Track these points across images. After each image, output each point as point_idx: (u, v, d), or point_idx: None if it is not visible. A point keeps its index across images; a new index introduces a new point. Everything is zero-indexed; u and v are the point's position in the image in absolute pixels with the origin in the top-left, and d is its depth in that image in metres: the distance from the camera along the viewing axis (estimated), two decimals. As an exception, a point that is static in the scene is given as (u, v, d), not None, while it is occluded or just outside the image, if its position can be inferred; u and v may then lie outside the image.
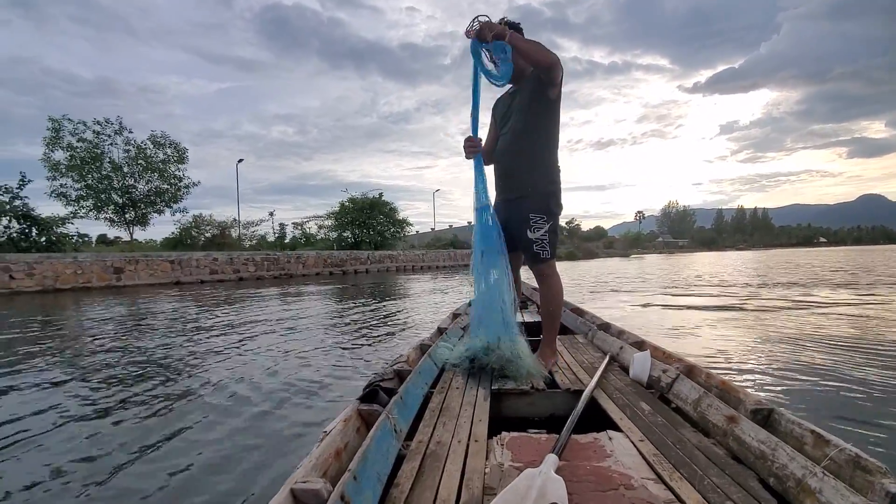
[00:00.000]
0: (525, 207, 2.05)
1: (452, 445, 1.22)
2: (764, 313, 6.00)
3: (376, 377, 1.57)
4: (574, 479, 1.03)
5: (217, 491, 1.75)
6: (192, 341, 5.00)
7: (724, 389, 1.39)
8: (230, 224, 27.61)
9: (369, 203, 31.92)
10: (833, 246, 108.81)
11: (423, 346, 2.17)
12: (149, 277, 16.73)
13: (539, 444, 1.25)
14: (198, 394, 3.01)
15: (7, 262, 13.42)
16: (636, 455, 1.15)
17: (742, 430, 1.13)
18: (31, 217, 17.30)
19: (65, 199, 21.78)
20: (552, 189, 2.08)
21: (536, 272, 2.11)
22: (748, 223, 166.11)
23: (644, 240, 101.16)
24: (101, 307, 9.21)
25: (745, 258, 33.37)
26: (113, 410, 2.72)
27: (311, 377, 3.34)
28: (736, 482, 0.99)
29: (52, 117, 21.39)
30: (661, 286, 11.06)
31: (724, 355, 3.66)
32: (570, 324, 3.15)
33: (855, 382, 2.82)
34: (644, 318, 5.99)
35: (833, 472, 0.87)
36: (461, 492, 1.00)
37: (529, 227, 2.03)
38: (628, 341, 2.20)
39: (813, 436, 1.01)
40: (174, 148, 24.78)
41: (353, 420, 1.23)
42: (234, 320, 6.68)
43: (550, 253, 2.05)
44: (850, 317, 5.48)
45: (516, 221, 2.07)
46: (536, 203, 2.04)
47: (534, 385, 1.75)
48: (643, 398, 1.56)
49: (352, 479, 0.89)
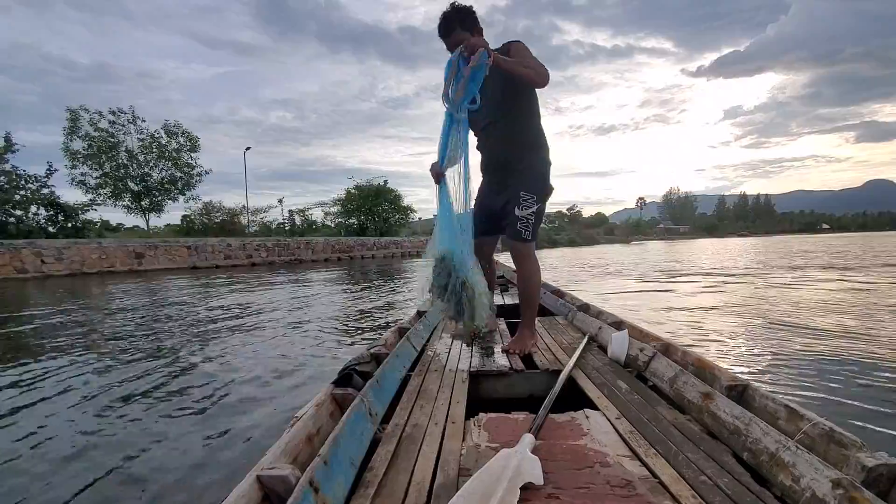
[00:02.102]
0: (516, 185, 2.02)
1: (429, 428, 1.20)
2: (750, 293, 6.21)
3: (353, 361, 1.54)
4: (550, 458, 1.02)
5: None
6: (209, 321, 5.22)
7: (700, 366, 1.39)
8: (239, 211, 28.45)
9: (374, 190, 32.50)
10: (836, 233, 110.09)
11: (401, 330, 2.14)
12: (168, 262, 17.48)
13: (516, 424, 1.24)
14: (203, 371, 3.14)
15: (39, 248, 14.38)
16: (612, 433, 1.15)
17: (717, 406, 1.13)
18: (57, 204, 18.29)
19: (84, 186, 22.95)
20: (543, 170, 2.07)
21: (515, 252, 2.09)
22: (751, 209, 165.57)
23: (645, 226, 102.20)
24: (126, 291, 9.56)
25: (745, 245, 34.09)
26: (130, 387, 2.83)
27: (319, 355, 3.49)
28: (710, 457, 0.99)
29: (70, 108, 22.46)
30: (656, 270, 11.45)
31: (717, 334, 3.75)
32: (551, 305, 3.16)
33: (835, 361, 2.90)
34: (639, 300, 6.18)
35: (807, 446, 0.88)
36: (436, 474, 0.98)
37: (518, 205, 2.00)
38: (607, 321, 2.21)
39: (786, 410, 1.02)
40: (187, 136, 25.93)
41: (326, 404, 1.19)
42: (252, 301, 7.03)
43: (532, 234, 2.04)
44: (827, 298, 5.67)
45: (504, 199, 2.05)
46: (528, 182, 2.01)
47: (512, 366, 1.74)
48: (620, 377, 1.57)
49: (322, 464, 0.85)
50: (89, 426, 2.22)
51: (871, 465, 0.77)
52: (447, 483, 0.94)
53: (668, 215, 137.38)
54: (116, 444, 2.00)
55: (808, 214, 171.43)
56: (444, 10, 1.94)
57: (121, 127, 24.12)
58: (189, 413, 2.35)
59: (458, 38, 1.89)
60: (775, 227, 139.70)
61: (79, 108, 22.66)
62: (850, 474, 0.78)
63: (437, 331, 2.49)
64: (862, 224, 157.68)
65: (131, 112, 24.52)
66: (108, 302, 7.60)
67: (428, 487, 0.93)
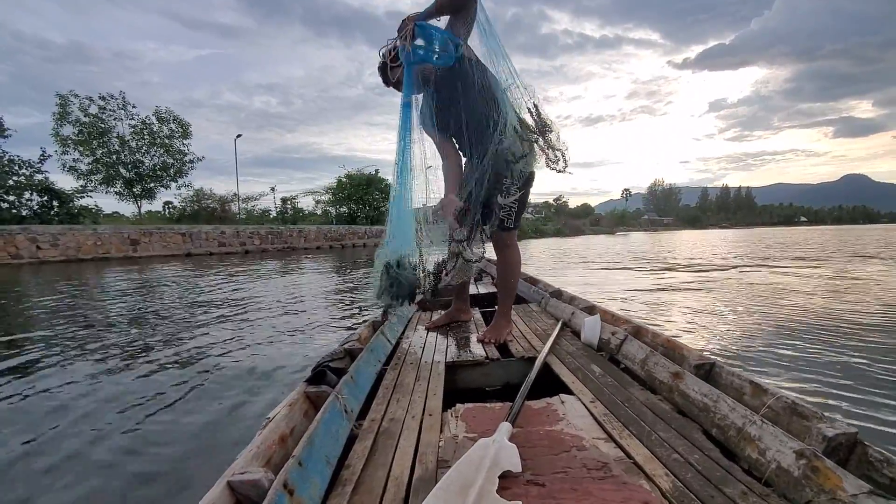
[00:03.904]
0: (495, 172, 1.96)
1: (406, 421, 1.19)
2: (724, 281, 6.46)
3: (325, 357, 1.51)
4: (528, 445, 1.03)
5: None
6: (199, 309, 5.21)
7: (669, 347, 1.43)
8: (230, 199, 28.32)
9: (366, 179, 32.76)
10: (813, 225, 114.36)
11: (375, 324, 2.11)
12: (162, 249, 17.53)
13: (493, 413, 1.24)
14: (195, 359, 3.13)
15: (34, 234, 14.33)
16: (587, 416, 1.17)
17: (686, 385, 1.16)
18: (52, 190, 18.10)
19: (76, 172, 22.75)
20: (527, 157, 2.01)
21: (498, 240, 2.07)
22: (732, 202, 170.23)
23: (629, 217, 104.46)
24: (121, 276, 9.64)
25: (725, 236, 35.43)
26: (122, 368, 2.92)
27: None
28: (681, 435, 1.01)
29: (59, 93, 22.27)
30: (637, 259, 11.92)
31: (696, 317, 3.88)
32: (524, 293, 3.18)
33: (802, 341, 3.04)
34: (617, 285, 6.39)
35: (771, 420, 0.91)
36: (415, 467, 0.97)
37: (501, 192, 1.97)
38: (579, 307, 2.24)
39: (751, 386, 1.05)
40: (178, 123, 25.77)
41: (299, 403, 1.16)
42: (242, 290, 6.95)
43: (514, 223, 2.02)
44: (796, 283, 5.95)
45: (487, 188, 2.01)
46: (505, 167, 1.96)
47: (488, 355, 1.75)
48: (594, 361, 1.59)
49: (296, 464, 0.83)
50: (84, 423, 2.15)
51: (831, 435, 0.80)
52: (426, 476, 0.93)
53: (653, 206, 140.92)
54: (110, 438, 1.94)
55: (786, 207, 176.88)
56: (377, 66, 2.03)
57: (111, 113, 23.97)
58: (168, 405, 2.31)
59: (397, 75, 1.98)
60: (755, 219, 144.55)
61: (68, 93, 22.46)
62: (812, 444, 0.82)
63: (412, 323, 2.48)
64: (837, 217, 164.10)
65: (122, 97, 24.30)
66: (105, 289, 7.56)
67: (406, 481, 0.92)
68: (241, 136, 30.53)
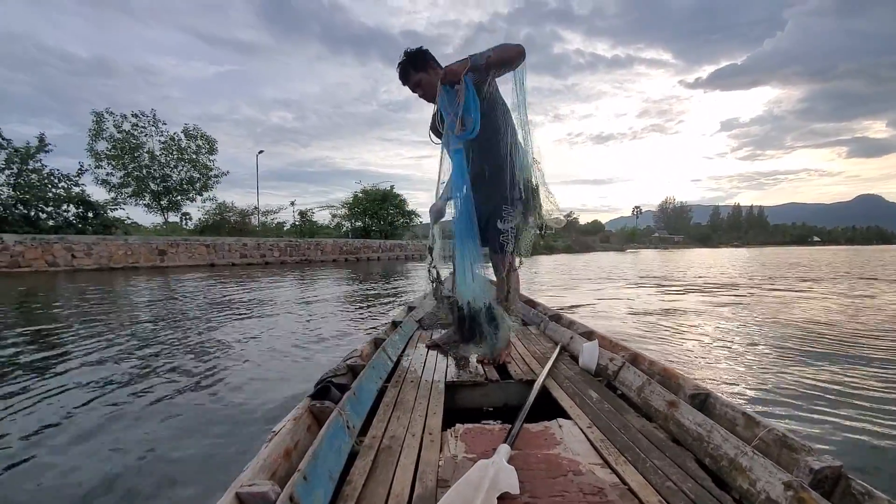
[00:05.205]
0: (498, 199, 2.06)
1: (406, 439, 1.22)
2: (732, 302, 6.42)
3: (329, 373, 1.54)
4: (526, 468, 1.05)
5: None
6: (221, 318, 5.32)
7: (666, 376, 1.46)
8: (250, 212, 29.34)
9: (381, 195, 33.47)
10: (826, 245, 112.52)
11: (376, 341, 2.14)
12: (187, 259, 18.24)
13: (492, 434, 1.27)
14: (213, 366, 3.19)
15: (70, 243, 15.22)
16: (584, 441, 1.19)
17: (681, 414, 1.19)
18: (87, 202, 19.16)
19: (107, 185, 24.42)
20: (523, 183, 2.09)
21: (497, 263, 2.14)
22: (744, 221, 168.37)
23: (640, 235, 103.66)
24: (150, 284, 10.02)
25: (736, 255, 35.25)
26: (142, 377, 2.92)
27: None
28: (675, 463, 1.04)
29: (94, 111, 24.12)
30: (645, 277, 12.02)
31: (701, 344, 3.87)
32: (524, 315, 3.21)
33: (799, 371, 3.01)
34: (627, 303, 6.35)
35: (762, 451, 0.94)
36: (415, 485, 0.99)
37: (500, 218, 2.05)
38: (578, 331, 2.28)
39: (744, 417, 1.09)
40: (205, 139, 27.46)
41: (303, 418, 1.19)
42: (269, 297, 7.45)
43: (513, 246, 2.09)
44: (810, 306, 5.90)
45: (488, 212, 2.09)
46: (507, 195, 2.05)
47: (487, 376, 1.78)
48: (591, 386, 1.62)
49: (301, 479, 0.86)
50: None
51: (818, 468, 0.83)
52: (425, 494, 0.95)
53: (664, 224, 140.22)
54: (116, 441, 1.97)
55: (799, 227, 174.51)
56: (399, 60, 2.04)
57: (142, 129, 25.62)
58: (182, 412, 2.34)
59: (414, 78, 2.01)
60: (768, 238, 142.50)
61: (104, 110, 24.28)
62: (799, 476, 0.85)
63: (413, 341, 2.51)
64: (851, 238, 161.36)
65: (153, 115, 25.99)
66: (139, 296, 7.90)
67: (407, 499, 0.94)
68: (263, 152, 31.92)
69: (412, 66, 2.01)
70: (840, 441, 1.89)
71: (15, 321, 5.18)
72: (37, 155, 18.15)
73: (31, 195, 17.43)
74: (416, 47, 2.04)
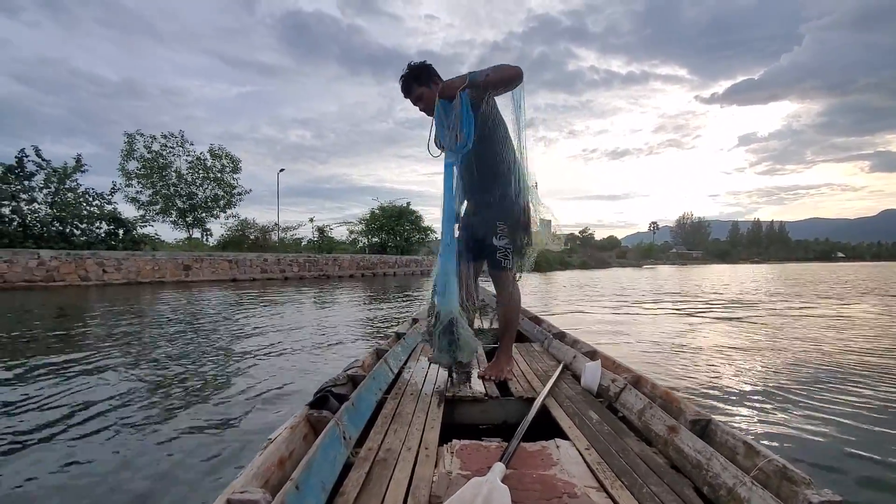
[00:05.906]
0: (493, 215, 2.06)
1: (402, 453, 1.21)
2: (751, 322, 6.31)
3: (329, 382, 1.54)
4: (520, 488, 1.04)
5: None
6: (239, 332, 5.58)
7: (667, 400, 1.44)
8: (271, 228, 30.14)
9: (398, 211, 33.85)
10: (851, 261, 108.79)
11: (379, 351, 2.14)
12: (211, 274, 18.93)
13: (489, 452, 1.26)
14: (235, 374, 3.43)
15: (102, 259, 15.98)
16: (581, 463, 1.18)
17: (681, 440, 1.17)
18: (118, 219, 19.79)
19: (136, 202, 26.06)
20: (519, 199, 2.08)
21: (496, 279, 2.13)
22: (764, 236, 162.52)
23: (657, 251, 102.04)
24: (179, 299, 10.39)
25: (757, 271, 34.72)
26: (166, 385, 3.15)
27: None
28: (673, 490, 1.02)
29: (126, 132, 25.87)
30: (662, 294, 11.91)
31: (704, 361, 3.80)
32: (528, 332, 3.19)
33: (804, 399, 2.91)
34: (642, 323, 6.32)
35: (761, 482, 0.92)
36: (407, 500, 0.99)
37: (495, 234, 2.05)
38: (581, 350, 2.26)
39: (745, 446, 1.06)
40: (230, 159, 28.88)
41: (300, 427, 1.19)
42: (289, 311, 7.86)
43: (511, 263, 2.08)
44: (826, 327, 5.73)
45: (483, 229, 2.09)
46: (504, 212, 2.05)
47: (487, 392, 1.77)
48: (592, 407, 1.60)
49: (293, 488, 0.86)
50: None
51: (816, 502, 0.81)
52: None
53: (681, 240, 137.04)
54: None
55: (823, 242, 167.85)
56: (402, 73, 2.07)
57: (171, 149, 27.14)
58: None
59: (416, 92, 2.03)
60: (790, 254, 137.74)
61: (135, 132, 25.92)
62: None
63: (415, 353, 2.50)
64: (877, 254, 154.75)
65: (181, 136, 27.45)
66: (165, 310, 8.20)
67: None
68: (283, 171, 32.54)
69: (415, 79, 2.04)
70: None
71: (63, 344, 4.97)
72: (73, 175, 18.97)
73: (67, 213, 18.16)
74: (419, 61, 2.07)
